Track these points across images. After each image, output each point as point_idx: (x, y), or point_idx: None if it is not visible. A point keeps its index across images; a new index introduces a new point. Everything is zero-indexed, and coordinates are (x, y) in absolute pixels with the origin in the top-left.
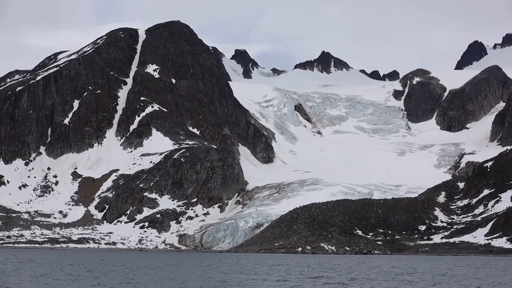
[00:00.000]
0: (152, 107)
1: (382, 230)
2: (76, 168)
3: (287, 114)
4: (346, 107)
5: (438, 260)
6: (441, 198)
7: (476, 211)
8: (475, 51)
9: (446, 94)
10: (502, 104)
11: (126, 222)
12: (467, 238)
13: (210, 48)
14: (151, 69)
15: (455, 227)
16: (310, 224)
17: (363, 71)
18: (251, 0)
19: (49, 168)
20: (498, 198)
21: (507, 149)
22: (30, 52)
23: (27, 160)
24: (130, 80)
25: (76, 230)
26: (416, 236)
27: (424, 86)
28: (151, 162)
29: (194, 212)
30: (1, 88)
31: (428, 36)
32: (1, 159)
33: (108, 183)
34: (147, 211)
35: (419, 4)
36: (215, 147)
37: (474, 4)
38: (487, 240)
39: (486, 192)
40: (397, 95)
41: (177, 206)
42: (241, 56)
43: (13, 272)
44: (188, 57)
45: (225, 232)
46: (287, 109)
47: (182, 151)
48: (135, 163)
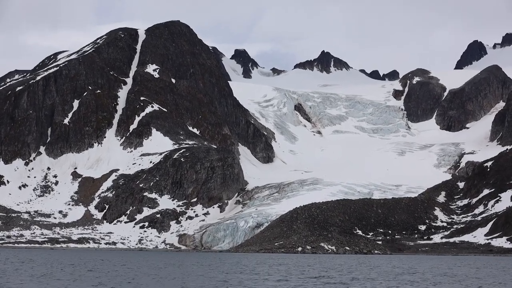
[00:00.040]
0: (152, 107)
1: (382, 230)
2: (76, 168)
3: (287, 114)
4: (346, 107)
5: (438, 260)
6: (441, 198)
7: (476, 211)
8: (475, 50)
9: (446, 94)
10: (502, 104)
11: (126, 222)
12: (467, 238)
13: (210, 48)
14: (151, 69)
15: (455, 227)
16: (310, 224)
17: (363, 71)
18: (251, 0)
19: (49, 168)
20: (498, 198)
21: (507, 148)
22: (30, 52)
23: (27, 160)
24: (130, 80)
25: (76, 230)
26: (416, 236)
27: (424, 86)
28: (151, 162)
29: (194, 212)
30: (1, 88)
31: (428, 36)
32: (1, 159)
33: (108, 183)
34: (147, 211)
35: (419, 4)
36: (215, 147)
37: (474, 4)
38: (487, 239)
39: (486, 191)
40: (397, 95)
41: (177, 206)
42: (241, 56)
43: (14, 272)
44: (188, 57)
45: (225, 232)
46: (287, 109)
47: (182, 151)
48: (135, 163)
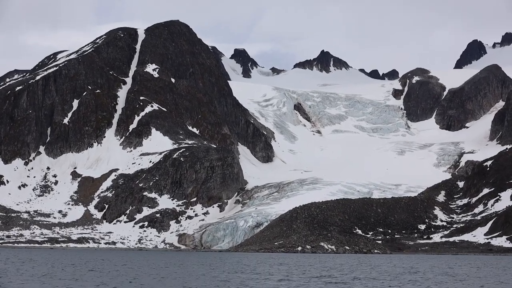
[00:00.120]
0: (152, 106)
1: (381, 229)
2: (75, 168)
3: (286, 114)
4: (345, 106)
5: (438, 259)
6: (440, 197)
7: (476, 210)
8: (475, 50)
9: (445, 93)
10: (501, 103)
11: (125, 222)
12: (466, 237)
13: (210, 47)
14: (151, 68)
15: (455, 226)
16: (309, 223)
17: (362, 70)
18: (251, 0)
19: (48, 168)
20: (498, 197)
21: (506, 148)
22: (30, 52)
23: (27, 160)
24: (129, 80)
25: (75, 230)
26: (415, 235)
27: (423, 85)
28: (150, 162)
29: (194, 211)
30: (0, 88)
31: (428, 36)
32: (0, 159)
33: (108, 183)
34: (146, 211)
35: (419, 4)
36: (215, 146)
37: (474, 4)
38: (487, 239)
39: (486, 191)
40: (396, 94)
41: (176, 206)
42: (240, 56)
43: (15, 272)
44: (187, 56)
45: (224, 232)
46: (287, 108)
47: (181, 151)
48: (135, 163)
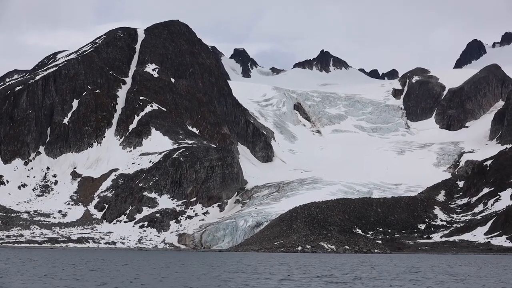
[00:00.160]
0: (151, 106)
1: (381, 229)
2: (75, 168)
3: (286, 113)
4: (345, 106)
5: (439, 259)
6: (440, 197)
7: (476, 210)
8: (474, 49)
9: (445, 93)
10: (501, 103)
11: (125, 222)
12: (466, 236)
13: (209, 47)
14: (150, 68)
15: (455, 225)
16: (309, 223)
17: (362, 70)
18: (251, 0)
19: (48, 168)
20: (498, 197)
21: (506, 147)
22: (29, 52)
23: (27, 160)
24: (129, 80)
25: (75, 230)
26: (415, 234)
27: (423, 85)
28: (150, 162)
29: (194, 211)
30: (0, 88)
31: (428, 36)
32: (0, 159)
33: (108, 183)
34: (146, 211)
35: (419, 4)
36: (215, 146)
37: (473, 4)
38: (487, 238)
39: (486, 190)
40: (396, 94)
41: (176, 206)
42: (240, 55)
43: (16, 272)
44: (187, 56)
45: (224, 231)
46: (286, 108)
47: (181, 151)
48: (135, 163)
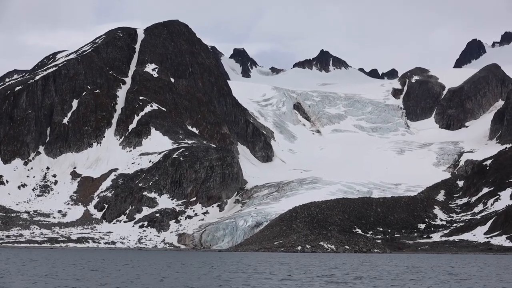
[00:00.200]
0: (151, 106)
1: (381, 229)
2: (75, 168)
3: (286, 113)
4: (345, 106)
5: (439, 259)
6: (440, 197)
7: (476, 209)
8: (474, 49)
9: (445, 93)
10: (501, 102)
11: (125, 222)
12: (466, 236)
13: (209, 47)
14: (150, 68)
15: (455, 225)
16: (309, 223)
17: (361, 70)
18: (251, 0)
19: (48, 168)
20: (498, 196)
21: (506, 147)
22: (29, 52)
23: (26, 160)
24: (129, 80)
25: (75, 230)
26: (415, 234)
27: (423, 85)
28: (150, 162)
29: (193, 211)
30: (0, 88)
31: (427, 36)
32: (0, 159)
33: (107, 183)
34: (146, 211)
35: (419, 4)
36: (214, 146)
37: (473, 4)
38: (487, 238)
39: (486, 190)
40: (396, 93)
41: (176, 205)
42: (239, 55)
43: (16, 272)
44: (187, 56)
45: (224, 231)
46: (286, 108)
47: (181, 150)
48: (134, 163)
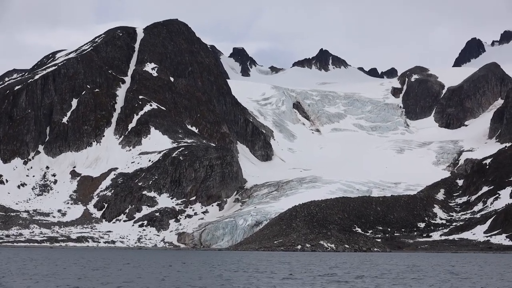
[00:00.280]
0: (151, 105)
1: (381, 228)
2: (74, 167)
3: (285, 112)
4: (344, 105)
5: (439, 257)
6: (440, 195)
7: (475, 208)
8: (473, 48)
9: (444, 92)
10: (500, 101)
11: (125, 221)
12: (466, 235)
13: (208, 46)
14: (149, 67)
15: (454, 224)
16: (309, 221)
17: (361, 69)
18: (251, 0)
19: (47, 167)
20: (497, 195)
21: (505, 146)
22: (29, 51)
23: (26, 159)
24: (128, 79)
25: (75, 229)
26: (415, 233)
27: (422, 84)
28: (149, 161)
29: (193, 210)
30: None
31: (427, 35)
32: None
33: (107, 182)
34: (146, 210)
35: (419, 4)
36: (214, 145)
37: (473, 3)
38: (486, 237)
39: (485, 189)
40: (395, 92)
41: (176, 205)
42: (239, 54)
43: (17, 271)
44: (186, 55)
45: (224, 230)
46: (286, 107)
47: (180, 150)
48: (134, 162)
